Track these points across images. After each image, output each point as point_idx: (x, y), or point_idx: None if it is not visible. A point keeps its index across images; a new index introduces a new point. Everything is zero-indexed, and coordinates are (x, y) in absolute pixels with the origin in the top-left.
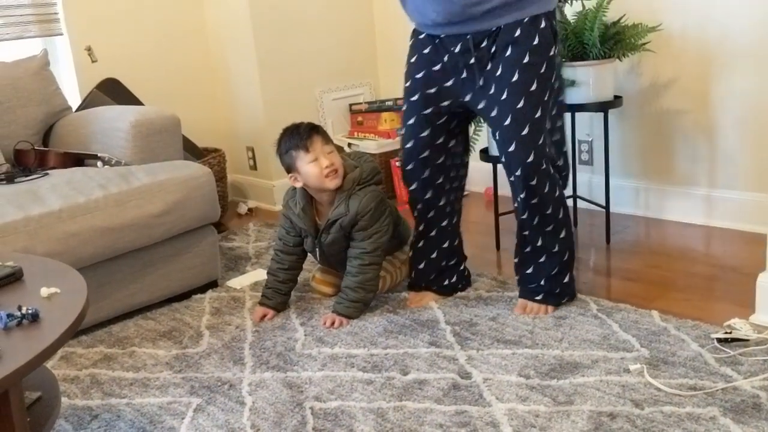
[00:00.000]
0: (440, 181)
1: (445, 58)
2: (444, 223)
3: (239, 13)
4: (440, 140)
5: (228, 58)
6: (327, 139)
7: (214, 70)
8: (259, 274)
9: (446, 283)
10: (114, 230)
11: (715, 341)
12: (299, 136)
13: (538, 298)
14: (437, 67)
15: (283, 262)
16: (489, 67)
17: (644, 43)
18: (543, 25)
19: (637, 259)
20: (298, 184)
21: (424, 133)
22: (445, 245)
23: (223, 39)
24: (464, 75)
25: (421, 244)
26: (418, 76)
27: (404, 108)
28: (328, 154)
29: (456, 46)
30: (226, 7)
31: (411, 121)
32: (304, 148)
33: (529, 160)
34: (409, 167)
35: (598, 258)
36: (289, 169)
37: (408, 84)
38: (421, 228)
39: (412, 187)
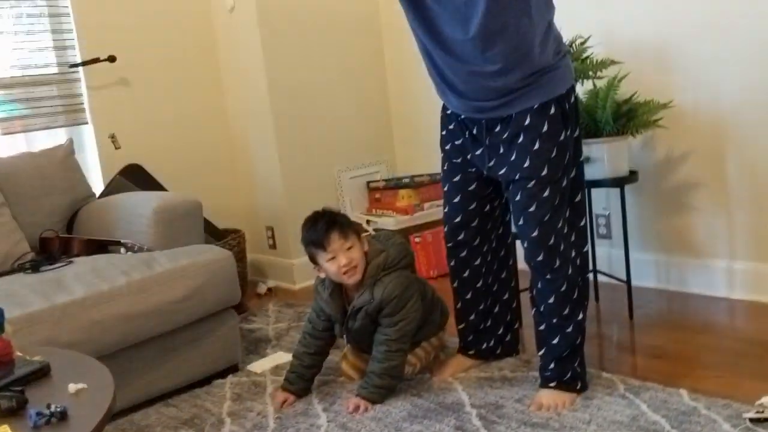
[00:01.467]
0: (476, 243)
1: (467, 134)
2: (479, 284)
3: (259, 98)
4: (472, 206)
5: (248, 141)
6: (345, 234)
7: (234, 152)
8: (280, 357)
9: (484, 347)
10: (136, 317)
11: (748, 421)
12: (316, 233)
13: (551, 385)
14: (459, 141)
15: (309, 346)
16: (501, 151)
17: (657, 120)
18: (552, 111)
19: (661, 335)
20: (322, 275)
21: (456, 199)
22: (481, 307)
23: (243, 123)
24: (479, 152)
25: (459, 305)
26: (447, 147)
27: (441, 175)
28: (346, 251)
29: (474, 127)
30: (246, 93)
31: (446, 188)
32: (322, 246)
33: (543, 251)
34: (446, 229)
35: (622, 334)
36: (312, 261)
37: (442, 154)
38: (455, 285)
39: (449, 244)
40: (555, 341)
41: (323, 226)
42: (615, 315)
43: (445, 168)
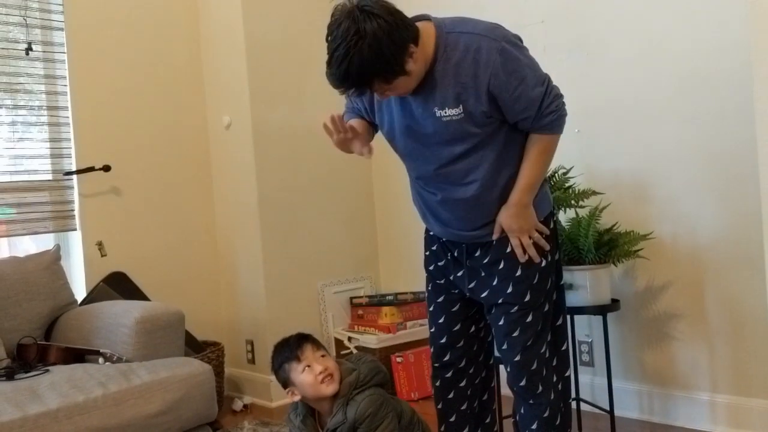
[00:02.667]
0: (462, 365)
1: (448, 256)
2: (464, 407)
3: (249, 212)
4: (457, 327)
5: (234, 253)
6: (318, 345)
7: (219, 264)
8: None
9: None
10: (110, 431)
11: None
12: (289, 347)
13: None
14: (442, 263)
15: None
16: (483, 275)
17: (637, 250)
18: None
19: None
20: (297, 398)
21: (441, 320)
22: (466, 430)
23: (231, 236)
24: (460, 274)
25: (442, 428)
26: (431, 268)
27: (426, 295)
28: (320, 359)
29: (455, 250)
30: (236, 206)
31: (431, 308)
32: (296, 358)
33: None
34: (432, 349)
35: None
36: (285, 384)
37: (426, 274)
38: (439, 407)
39: (435, 364)
40: None
41: (295, 340)
42: None
43: (429, 288)
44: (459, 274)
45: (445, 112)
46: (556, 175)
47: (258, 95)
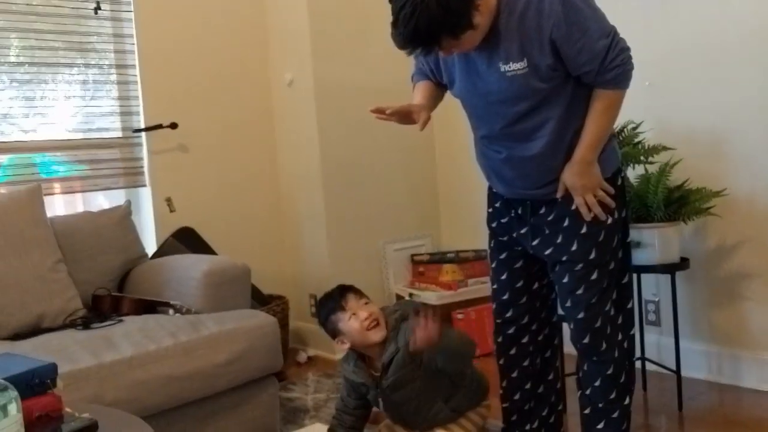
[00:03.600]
0: (525, 321)
1: (512, 213)
2: (526, 363)
3: (311, 169)
4: (519, 283)
5: (297, 210)
6: (360, 294)
7: (283, 220)
8: (318, 429)
9: (527, 428)
10: (180, 379)
11: None
12: (332, 299)
13: None
14: (505, 220)
15: (343, 421)
16: (547, 232)
17: (709, 207)
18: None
19: (712, 430)
20: (346, 346)
21: (504, 276)
22: (527, 387)
23: (294, 193)
24: (524, 231)
25: (504, 383)
26: (493, 225)
27: (488, 252)
28: (364, 306)
29: (518, 207)
30: (298, 164)
31: (493, 265)
32: (340, 308)
33: (589, 334)
34: (494, 305)
35: (671, 426)
36: (334, 334)
37: (489, 231)
38: (501, 362)
39: (498, 320)
40: (600, 426)
41: (337, 292)
42: (663, 406)
43: (492, 245)
44: (522, 231)
45: (510, 67)
46: (625, 130)
47: (320, 52)
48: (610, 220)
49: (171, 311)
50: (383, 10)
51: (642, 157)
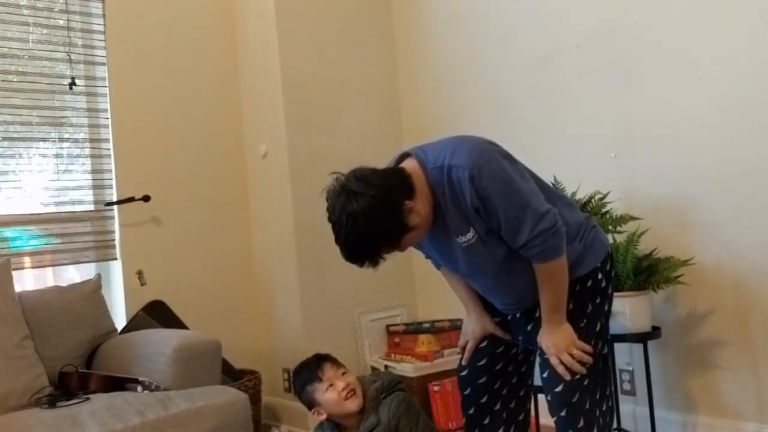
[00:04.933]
0: (497, 407)
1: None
2: None
3: (285, 241)
4: (499, 366)
5: (271, 282)
6: (338, 364)
7: (256, 293)
8: None
9: None
10: None
11: None
12: (309, 369)
13: None
14: (497, 319)
15: None
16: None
17: (677, 276)
18: (577, 288)
19: None
20: (322, 417)
21: (482, 362)
22: None
23: (268, 264)
24: (514, 319)
25: None
26: None
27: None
28: (341, 376)
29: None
30: (272, 235)
31: (470, 345)
32: (317, 378)
33: (566, 408)
34: (466, 392)
35: None
36: (310, 405)
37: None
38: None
39: (470, 411)
40: None
41: (314, 361)
42: None
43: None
44: (520, 337)
45: (463, 239)
46: (593, 200)
47: (294, 125)
48: (589, 308)
49: (139, 388)
50: (357, 81)
51: (610, 227)
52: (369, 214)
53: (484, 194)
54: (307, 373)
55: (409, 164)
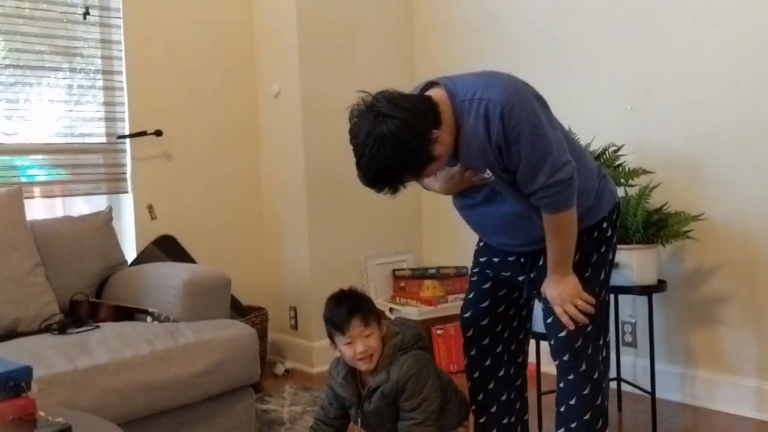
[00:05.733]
0: (498, 349)
1: (507, 258)
2: (503, 397)
3: (295, 181)
4: (501, 309)
5: (280, 221)
6: (367, 320)
7: (265, 231)
8: None
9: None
10: (155, 387)
11: None
12: (338, 315)
13: None
14: (498, 259)
15: (322, 431)
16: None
17: (687, 231)
18: (584, 238)
19: None
20: (337, 354)
21: (485, 303)
22: (504, 421)
23: (277, 204)
24: (521, 278)
25: (483, 419)
26: (482, 259)
27: (468, 285)
28: (365, 338)
29: (516, 256)
30: (283, 175)
31: (471, 295)
32: (341, 330)
33: (569, 352)
34: (469, 334)
35: None
36: (330, 337)
37: (474, 263)
38: (479, 397)
39: (472, 353)
40: None
41: (345, 310)
42: (638, 428)
43: (474, 279)
44: (520, 278)
45: (480, 174)
46: (607, 152)
47: (307, 65)
48: (594, 257)
49: (149, 319)
50: (371, 23)
51: (622, 180)
52: (398, 139)
53: (511, 134)
54: (334, 317)
55: (436, 93)
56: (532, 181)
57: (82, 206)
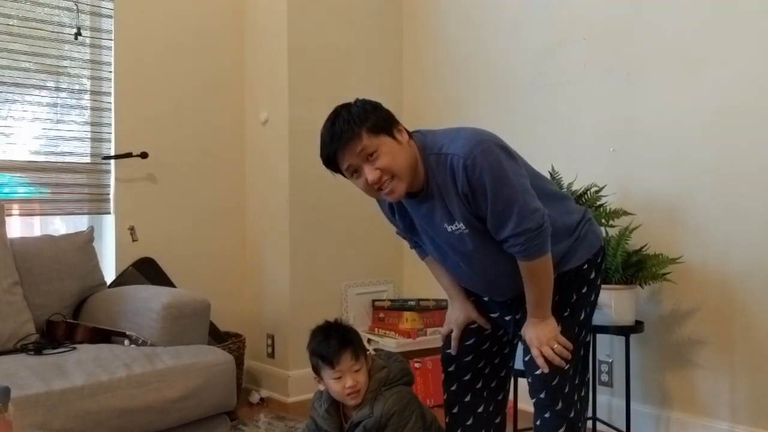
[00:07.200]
0: (479, 386)
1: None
2: (480, 410)
3: (279, 209)
4: (485, 346)
5: (261, 248)
6: (356, 355)
7: (246, 257)
8: None
9: None
10: (131, 412)
11: None
12: (328, 348)
13: None
14: (486, 299)
15: None
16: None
17: (665, 273)
18: (565, 279)
19: None
20: (322, 387)
21: (470, 341)
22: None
23: (259, 230)
24: (507, 318)
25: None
26: (471, 298)
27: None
28: (354, 373)
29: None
30: (266, 202)
31: (455, 334)
32: (330, 364)
33: (545, 390)
34: (450, 369)
35: None
36: (315, 370)
37: None
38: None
39: (452, 388)
40: None
41: (336, 344)
42: None
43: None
44: (507, 318)
45: (455, 227)
46: (588, 192)
47: (297, 94)
48: (574, 297)
49: (126, 342)
50: (359, 55)
51: (603, 220)
52: (366, 102)
53: (476, 184)
54: (324, 351)
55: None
56: (501, 229)
57: (59, 225)
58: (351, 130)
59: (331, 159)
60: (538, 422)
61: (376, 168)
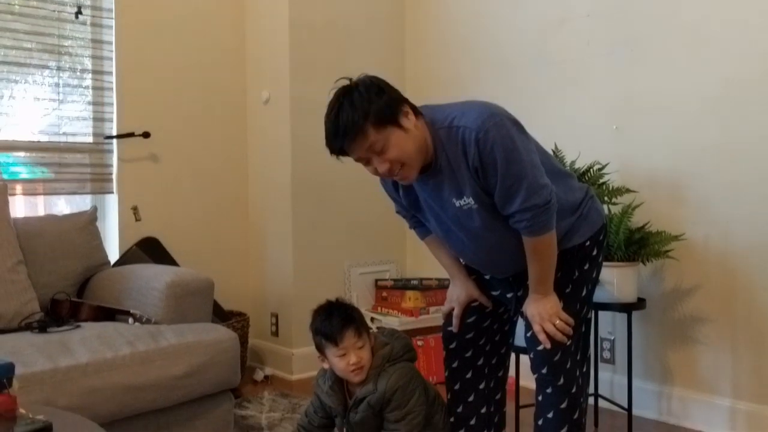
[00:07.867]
0: (480, 362)
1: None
2: (483, 410)
3: (282, 187)
4: (486, 323)
5: (265, 227)
6: (360, 332)
7: (249, 236)
8: None
9: None
10: (135, 389)
11: None
12: (331, 326)
13: None
14: (488, 276)
15: None
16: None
17: (667, 251)
18: (567, 257)
19: None
20: (326, 366)
21: (471, 319)
22: (483, 410)
23: (263, 209)
24: (509, 295)
25: (460, 408)
26: (472, 276)
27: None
28: (358, 350)
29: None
30: (269, 180)
31: (456, 312)
32: (334, 341)
33: (547, 365)
34: (452, 346)
35: None
36: (319, 349)
37: None
38: (459, 410)
39: (453, 365)
40: None
41: (339, 322)
42: None
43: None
44: (508, 295)
45: (463, 201)
46: (591, 170)
47: (298, 72)
48: (576, 274)
49: (130, 320)
50: (361, 32)
51: (606, 198)
52: (369, 87)
53: (487, 158)
54: (327, 329)
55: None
56: (509, 204)
57: (63, 205)
58: (356, 126)
59: (338, 152)
60: (540, 398)
61: (385, 160)
